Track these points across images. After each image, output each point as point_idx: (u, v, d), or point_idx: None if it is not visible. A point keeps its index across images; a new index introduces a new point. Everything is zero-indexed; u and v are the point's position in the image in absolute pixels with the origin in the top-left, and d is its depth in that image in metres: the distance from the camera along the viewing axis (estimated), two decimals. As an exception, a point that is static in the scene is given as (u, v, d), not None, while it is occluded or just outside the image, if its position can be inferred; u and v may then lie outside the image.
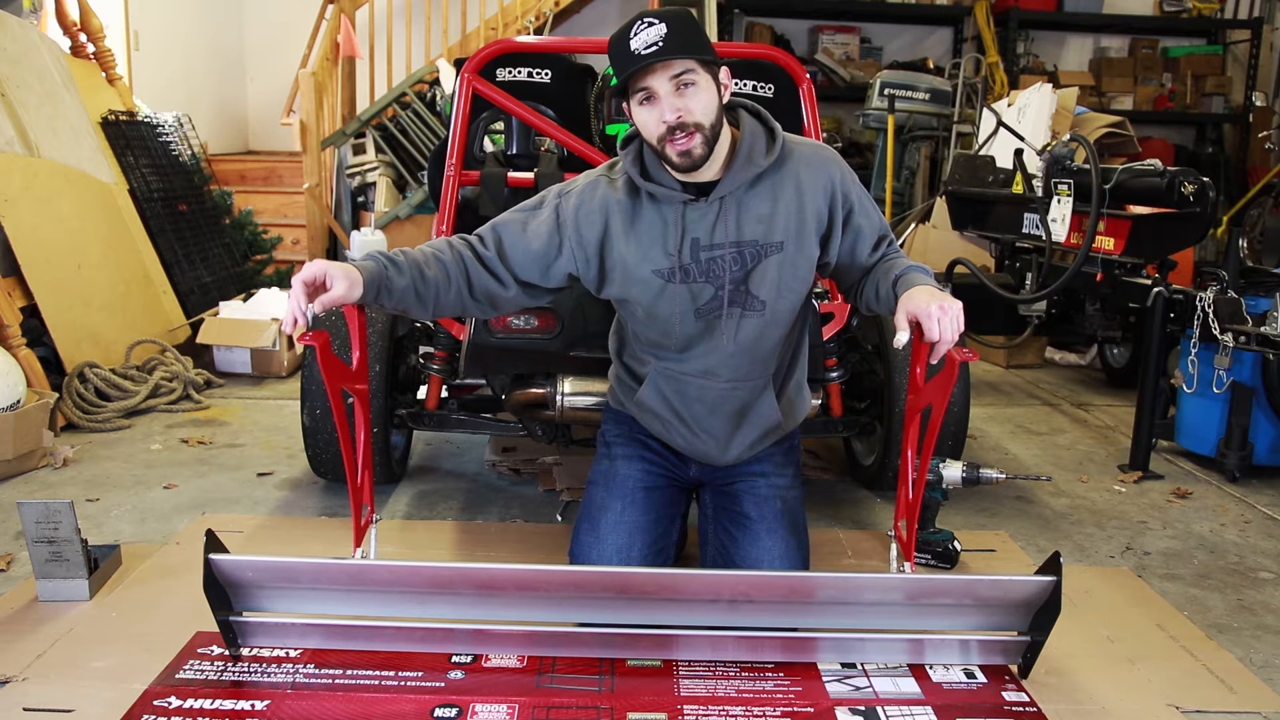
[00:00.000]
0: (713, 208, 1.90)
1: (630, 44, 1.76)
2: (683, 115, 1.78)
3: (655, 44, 1.74)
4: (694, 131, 1.79)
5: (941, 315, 1.73)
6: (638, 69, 1.76)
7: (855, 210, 1.97)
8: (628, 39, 1.77)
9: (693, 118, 1.78)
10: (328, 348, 1.85)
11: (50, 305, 3.67)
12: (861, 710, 1.80)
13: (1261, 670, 2.04)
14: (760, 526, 2.05)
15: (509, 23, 6.78)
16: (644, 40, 1.75)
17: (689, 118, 1.78)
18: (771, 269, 1.92)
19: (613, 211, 1.94)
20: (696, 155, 1.82)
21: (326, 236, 6.25)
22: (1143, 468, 3.29)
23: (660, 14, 1.77)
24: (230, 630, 1.87)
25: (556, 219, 1.96)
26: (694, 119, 1.79)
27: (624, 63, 1.77)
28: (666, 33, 1.75)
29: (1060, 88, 4.96)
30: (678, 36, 1.75)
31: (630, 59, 1.76)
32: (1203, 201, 3.31)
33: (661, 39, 1.74)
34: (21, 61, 4.05)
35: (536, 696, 1.81)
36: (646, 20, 1.76)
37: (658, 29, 1.75)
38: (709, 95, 1.80)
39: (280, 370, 4.24)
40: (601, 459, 2.19)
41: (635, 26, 1.77)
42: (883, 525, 2.75)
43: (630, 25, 1.78)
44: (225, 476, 3.04)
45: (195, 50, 6.99)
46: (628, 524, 2.05)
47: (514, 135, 3.14)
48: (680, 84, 1.77)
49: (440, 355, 2.78)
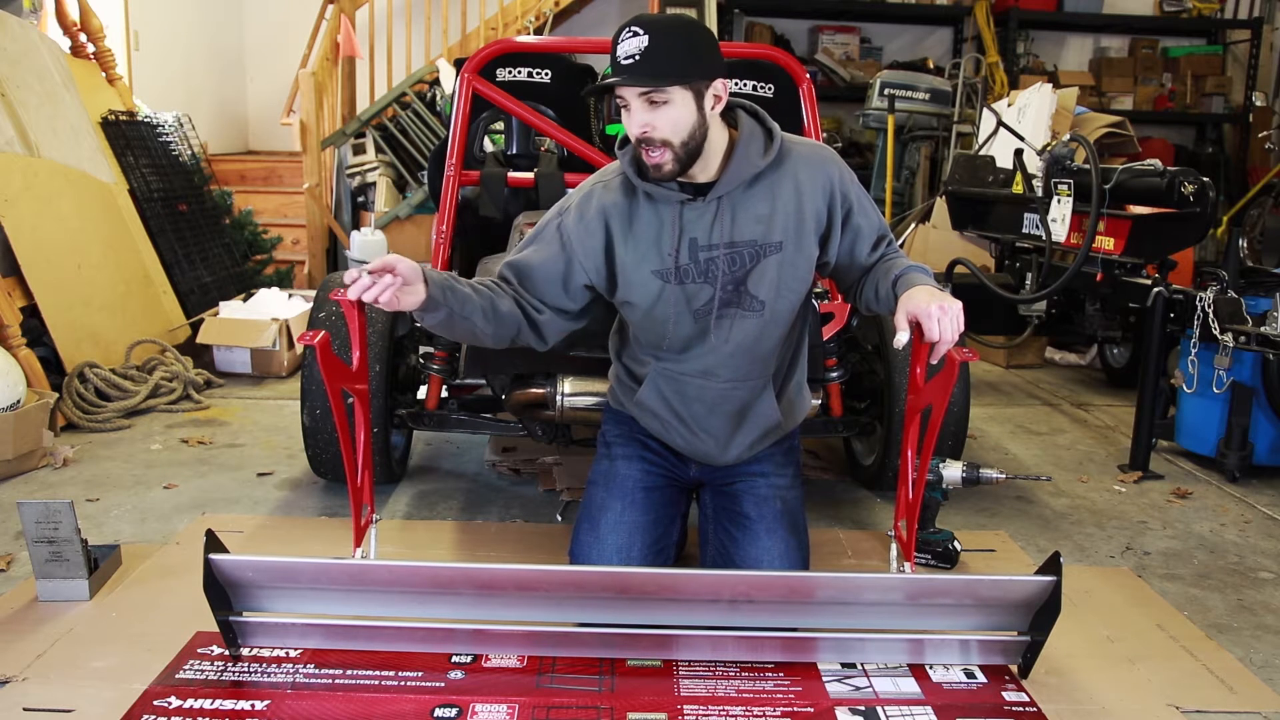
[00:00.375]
0: (710, 208, 1.90)
1: (616, 50, 1.76)
2: (648, 131, 1.77)
3: (632, 57, 1.73)
4: (662, 148, 1.78)
5: (941, 315, 1.73)
6: (616, 80, 1.76)
7: (854, 210, 1.97)
8: (616, 44, 1.77)
9: (659, 134, 1.77)
10: (328, 348, 1.85)
11: (50, 305, 3.67)
12: (861, 710, 1.80)
13: (1261, 670, 2.04)
14: (760, 526, 2.05)
15: (509, 23, 6.77)
16: (625, 50, 1.74)
17: (654, 134, 1.77)
18: (770, 269, 1.92)
19: (610, 216, 1.94)
20: (665, 171, 1.81)
21: (326, 236, 6.25)
22: (1143, 468, 3.29)
23: (650, 24, 1.75)
24: (230, 630, 1.87)
25: (560, 238, 1.96)
26: (660, 135, 1.77)
27: (611, 68, 1.78)
28: (646, 48, 1.72)
29: (1060, 88, 4.96)
30: (657, 54, 1.73)
31: (613, 66, 1.76)
32: (1203, 201, 3.31)
33: (639, 53, 1.73)
34: (21, 61, 4.05)
35: (536, 696, 1.81)
36: (633, 29, 1.75)
37: (639, 41, 1.73)
38: (681, 112, 1.77)
39: (280, 370, 4.24)
40: (601, 459, 2.19)
41: (623, 33, 1.76)
42: (883, 525, 2.75)
43: (621, 29, 1.77)
44: (225, 476, 3.04)
45: (195, 50, 6.99)
46: (628, 524, 2.05)
47: (514, 135, 3.14)
48: (649, 100, 1.76)
49: (440, 355, 2.78)
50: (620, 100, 1.79)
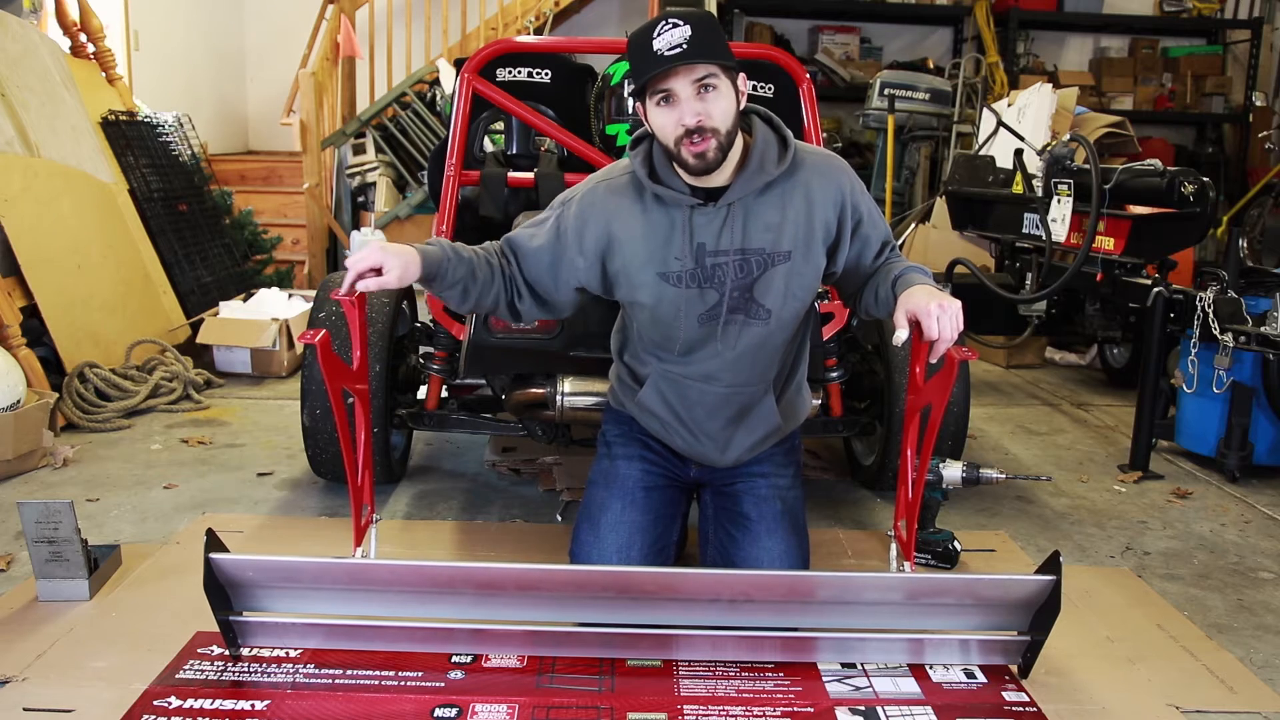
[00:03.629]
0: (720, 213, 1.89)
1: (654, 44, 1.74)
2: (703, 119, 1.77)
3: (679, 45, 1.73)
4: (710, 136, 1.79)
5: (941, 313, 1.73)
6: (660, 71, 1.75)
7: (864, 221, 1.97)
8: (650, 39, 1.75)
9: (712, 122, 1.78)
10: (328, 347, 1.85)
11: (50, 305, 3.67)
12: (861, 710, 1.80)
13: (1261, 670, 2.04)
14: (760, 527, 2.05)
15: (509, 23, 6.78)
16: (668, 41, 1.74)
17: (708, 122, 1.78)
18: (778, 278, 1.92)
19: (614, 215, 1.93)
20: (710, 159, 1.81)
21: (326, 236, 6.25)
22: (1143, 468, 3.29)
23: (685, 15, 1.76)
24: (230, 630, 1.87)
25: (557, 229, 1.96)
26: (713, 124, 1.78)
27: (646, 63, 1.76)
28: (691, 35, 1.73)
29: (1060, 88, 4.96)
30: (702, 40, 1.74)
31: (653, 60, 1.75)
32: (1203, 201, 3.32)
33: (686, 41, 1.73)
34: (21, 61, 4.05)
35: (536, 696, 1.81)
36: (671, 21, 1.75)
37: (682, 30, 1.74)
38: (729, 100, 1.80)
39: (280, 370, 4.24)
40: (602, 459, 2.19)
41: (660, 26, 1.75)
42: (883, 525, 2.75)
43: (653, 25, 1.76)
44: (225, 476, 3.04)
45: (195, 50, 6.99)
46: (628, 524, 2.05)
47: (514, 135, 3.14)
48: (702, 87, 1.77)
49: (440, 355, 2.78)
50: (665, 93, 1.78)
